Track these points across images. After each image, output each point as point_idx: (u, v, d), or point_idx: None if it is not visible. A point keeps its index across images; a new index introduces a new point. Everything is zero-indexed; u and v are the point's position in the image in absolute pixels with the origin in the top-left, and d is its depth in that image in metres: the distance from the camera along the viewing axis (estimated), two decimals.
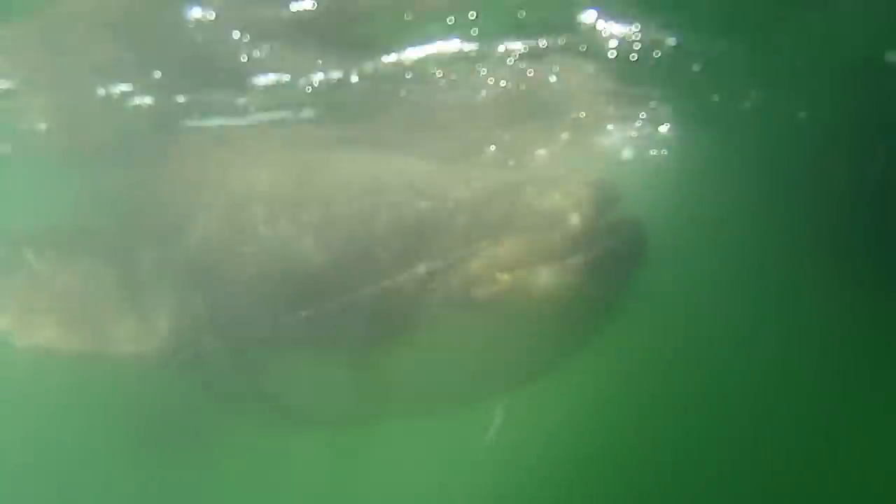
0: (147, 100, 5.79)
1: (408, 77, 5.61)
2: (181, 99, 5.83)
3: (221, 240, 4.88)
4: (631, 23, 4.92)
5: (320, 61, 5.41)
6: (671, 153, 8.41)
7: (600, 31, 4.93)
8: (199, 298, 4.82)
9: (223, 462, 6.27)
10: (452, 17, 4.51)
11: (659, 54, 5.39)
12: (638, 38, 5.15)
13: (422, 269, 3.79)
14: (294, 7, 4.24)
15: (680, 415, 8.13)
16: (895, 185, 6.91)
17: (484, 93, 6.06)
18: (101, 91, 5.50)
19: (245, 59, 5.11)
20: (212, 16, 4.27)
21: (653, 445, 8.14)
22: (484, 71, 5.55)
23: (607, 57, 5.37)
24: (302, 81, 5.80)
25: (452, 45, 5.01)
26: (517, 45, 5.10)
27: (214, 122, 6.29)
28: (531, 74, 5.76)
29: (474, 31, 4.70)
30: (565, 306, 3.61)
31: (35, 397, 5.58)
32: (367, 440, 5.82)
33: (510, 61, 5.36)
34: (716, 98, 6.65)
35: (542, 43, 5.01)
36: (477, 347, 3.87)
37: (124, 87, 5.48)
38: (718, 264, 8.28)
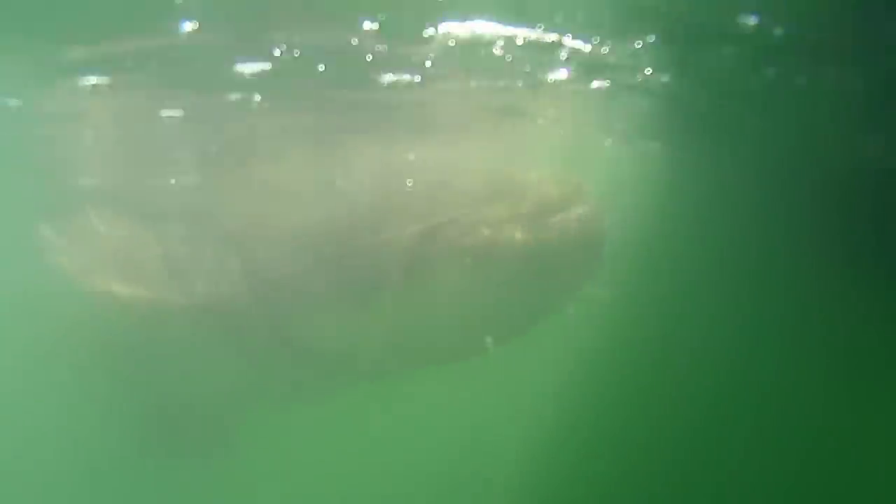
0: None
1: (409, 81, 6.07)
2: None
3: (254, 209, 5.68)
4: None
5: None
6: (668, 146, 8.61)
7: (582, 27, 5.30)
8: (234, 259, 5.48)
9: (256, 419, 6.57)
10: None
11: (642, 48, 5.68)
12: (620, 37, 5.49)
13: (428, 223, 4.91)
14: None
15: (676, 401, 8.27)
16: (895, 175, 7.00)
17: (472, 90, 6.54)
18: None
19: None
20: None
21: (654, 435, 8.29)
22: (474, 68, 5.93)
23: (594, 55, 5.69)
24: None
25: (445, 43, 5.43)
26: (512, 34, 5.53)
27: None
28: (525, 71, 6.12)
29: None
30: (536, 257, 4.79)
31: (85, 336, 6.03)
32: (386, 389, 6.29)
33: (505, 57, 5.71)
34: (715, 93, 6.85)
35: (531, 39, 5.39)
36: (470, 290, 4.94)
37: None
38: (721, 254, 8.42)
